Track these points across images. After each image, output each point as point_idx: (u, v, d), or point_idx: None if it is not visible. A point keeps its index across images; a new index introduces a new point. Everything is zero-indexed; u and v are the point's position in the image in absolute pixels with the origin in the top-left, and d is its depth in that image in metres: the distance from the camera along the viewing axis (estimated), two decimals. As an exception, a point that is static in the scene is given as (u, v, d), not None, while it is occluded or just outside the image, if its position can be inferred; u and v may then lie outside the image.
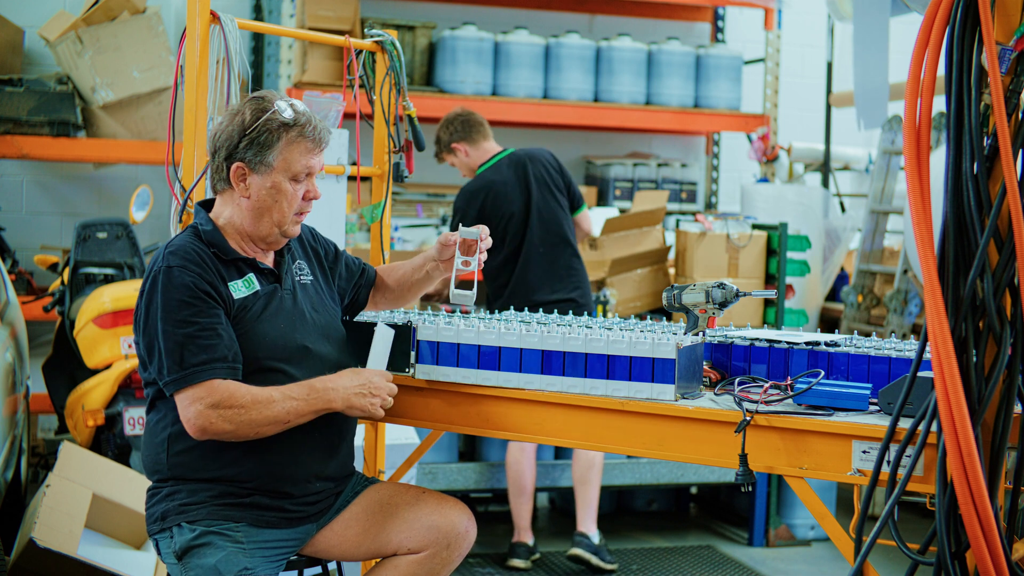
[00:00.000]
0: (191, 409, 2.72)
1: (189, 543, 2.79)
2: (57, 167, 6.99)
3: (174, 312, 2.74)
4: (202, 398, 2.71)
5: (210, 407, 2.70)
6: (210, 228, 2.89)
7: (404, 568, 2.97)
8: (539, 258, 5.26)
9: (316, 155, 2.88)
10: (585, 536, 5.30)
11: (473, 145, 5.36)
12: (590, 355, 2.89)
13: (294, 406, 2.76)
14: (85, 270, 5.64)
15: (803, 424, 2.66)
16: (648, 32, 7.81)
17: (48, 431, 6.72)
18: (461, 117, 5.37)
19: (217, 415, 2.71)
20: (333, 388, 2.81)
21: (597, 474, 5.34)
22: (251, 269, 2.90)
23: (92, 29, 6.39)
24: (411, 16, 7.27)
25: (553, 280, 5.26)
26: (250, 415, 2.72)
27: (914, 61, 2.46)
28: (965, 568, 2.43)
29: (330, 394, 2.80)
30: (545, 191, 5.31)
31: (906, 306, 6.41)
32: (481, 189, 5.29)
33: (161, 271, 2.78)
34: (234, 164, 2.85)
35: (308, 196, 2.89)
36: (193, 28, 3.36)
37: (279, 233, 2.90)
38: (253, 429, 2.74)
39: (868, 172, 8.02)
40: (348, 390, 2.82)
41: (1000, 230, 2.41)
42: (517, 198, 5.26)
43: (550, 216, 5.30)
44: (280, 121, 2.83)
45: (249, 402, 2.72)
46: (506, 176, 5.30)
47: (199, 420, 2.71)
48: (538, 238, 5.26)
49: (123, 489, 4.49)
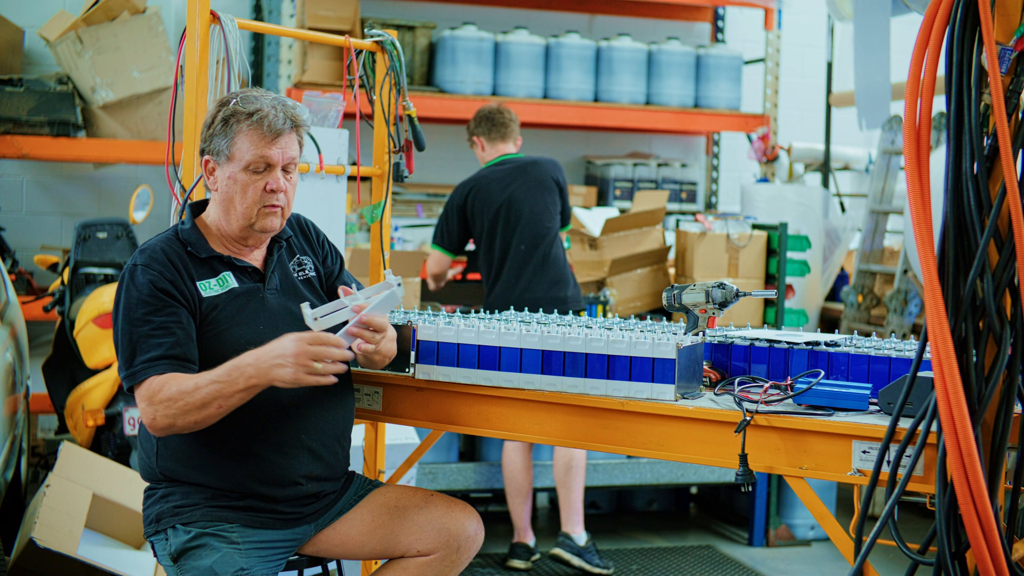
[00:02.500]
0: (140, 407, 2.74)
1: (184, 545, 2.79)
2: (57, 167, 6.99)
3: (132, 311, 2.77)
4: (143, 396, 2.72)
5: (148, 404, 2.71)
6: (188, 226, 2.91)
7: (413, 570, 2.96)
8: (524, 256, 5.26)
9: (272, 146, 2.83)
10: (568, 537, 5.29)
11: (489, 142, 5.41)
12: (590, 355, 2.89)
13: (215, 389, 2.67)
14: (85, 270, 5.64)
15: (803, 424, 2.66)
16: (648, 32, 7.81)
17: (48, 431, 6.72)
18: (488, 113, 5.41)
19: (154, 411, 2.70)
20: (251, 363, 2.66)
21: (577, 476, 5.30)
22: (227, 268, 2.89)
23: (92, 29, 6.39)
24: (411, 16, 7.28)
25: (540, 277, 5.26)
26: (178, 406, 2.69)
27: (914, 61, 2.46)
28: (965, 568, 2.43)
29: (248, 370, 2.66)
30: (536, 192, 5.30)
31: (906, 306, 6.41)
32: (469, 183, 5.35)
33: (127, 270, 2.82)
34: (204, 158, 2.90)
35: (268, 188, 2.85)
36: (193, 28, 3.36)
37: (251, 228, 2.88)
38: (189, 419, 2.69)
39: (868, 172, 8.02)
40: (264, 363, 2.65)
41: (1000, 230, 2.41)
42: (503, 195, 5.27)
43: (539, 215, 5.28)
44: (234, 111, 2.84)
45: (175, 393, 2.69)
46: (500, 175, 5.31)
47: (145, 418, 2.73)
48: (526, 236, 5.26)
49: (123, 489, 4.49)
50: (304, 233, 3.10)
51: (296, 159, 2.91)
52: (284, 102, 2.89)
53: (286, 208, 2.90)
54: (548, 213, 5.32)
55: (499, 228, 5.27)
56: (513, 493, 5.33)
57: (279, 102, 2.88)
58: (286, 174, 2.88)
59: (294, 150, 2.89)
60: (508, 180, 5.30)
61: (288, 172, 2.89)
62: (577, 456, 5.29)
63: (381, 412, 3.20)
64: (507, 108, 5.48)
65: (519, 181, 5.30)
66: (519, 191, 5.28)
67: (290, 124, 2.87)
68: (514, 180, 5.30)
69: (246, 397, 2.70)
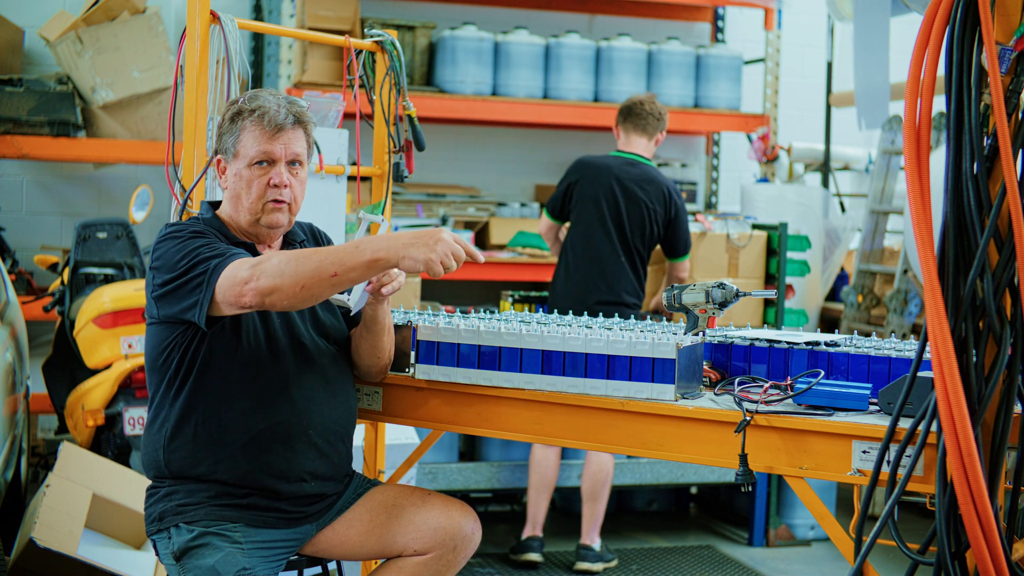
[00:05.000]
0: (225, 286, 2.64)
1: (187, 544, 2.79)
2: (57, 167, 6.99)
3: (188, 243, 2.77)
4: (240, 266, 2.65)
5: (252, 267, 2.62)
6: (209, 216, 2.95)
7: (410, 569, 2.97)
8: (594, 261, 5.25)
9: (275, 141, 2.86)
10: (590, 548, 5.34)
11: (624, 131, 5.42)
12: (590, 355, 2.89)
13: (335, 256, 2.59)
14: (85, 270, 5.64)
15: (803, 424, 2.66)
16: (648, 32, 7.81)
17: (48, 431, 6.72)
18: (631, 104, 5.41)
19: (260, 271, 2.61)
20: (384, 239, 2.60)
21: (607, 489, 5.38)
22: (250, 253, 2.91)
23: (92, 29, 6.39)
24: (411, 16, 7.27)
25: (598, 283, 5.25)
26: (293, 266, 2.59)
27: (914, 61, 2.46)
28: (965, 568, 2.43)
29: (380, 243, 2.60)
30: (639, 208, 5.26)
31: (906, 306, 6.41)
32: (585, 163, 5.38)
33: (162, 237, 2.84)
34: (216, 158, 2.96)
35: (271, 182, 2.87)
36: (193, 28, 3.36)
37: (259, 223, 2.90)
38: (298, 283, 2.58)
39: (868, 172, 8.02)
40: (400, 240, 2.59)
41: (1000, 230, 2.41)
42: (608, 190, 5.27)
43: (628, 230, 5.27)
44: (240, 109, 2.89)
45: (283, 258, 2.60)
46: (618, 169, 5.31)
47: (236, 287, 2.63)
48: (616, 240, 5.26)
49: (123, 489, 4.49)
50: (317, 242, 3.14)
51: (302, 156, 2.92)
52: (289, 99, 2.93)
53: (293, 205, 2.92)
54: (639, 239, 5.35)
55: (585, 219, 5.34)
56: (540, 488, 5.36)
57: (284, 99, 2.92)
58: (292, 170, 2.90)
59: (299, 146, 2.91)
60: (619, 182, 5.31)
61: (294, 167, 2.91)
62: (609, 470, 5.35)
63: (381, 412, 3.20)
64: (652, 97, 5.45)
65: (627, 193, 5.30)
66: (624, 203, 5.30)
67: (293, 119, 2.88)
68: (623, 187, 5.30)
69: (366, 274, 2.61)
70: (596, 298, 5.18)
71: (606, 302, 5.18)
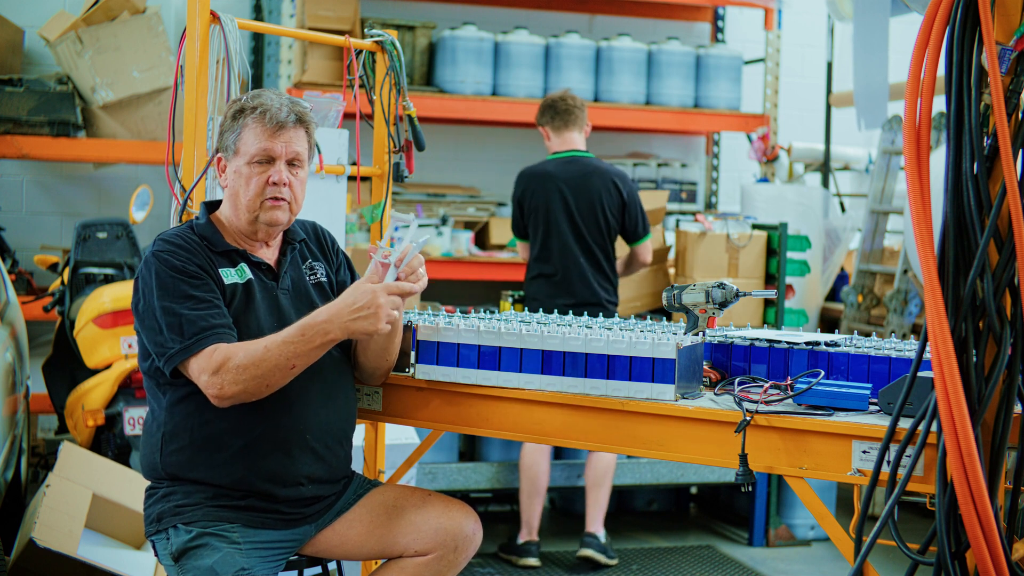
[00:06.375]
0: (201, 380, 2.73)
1: (185, 545, 2.79)
2: (57, 167, 6.99)
3: (170, 288, 2.78)
4: (204, 368, 2.72)
5: (213, 374, 2.71)
6: (204, 221, 2.94)
7: (411, 570, 2.97)
8: (562, 261, 5.25)
9: (275, 139, 2.87)
10: (595, 537, 5.34)
11: (554, 131, 5.39)
12: (590, 355, 2.89)
13: (291, 349, 2.71)
14: (85, 270, 5.64)
15: (803, 424, 2.66)
16: (648, 32, 7.81)
17: (48, 431, 6.72)
18: (550, 101, 5.39)
19: (222, 380, 2.70)
20: (327, 320, 2.72)
21: (611, 477, 5.40)
22: (243, 260, 2.92)
23: (92, 29, 6.39)
24: (411, 16, 7.27)
25: (570, 286, 5.25)
26: (250, 372, 2.70)
27: (914, 61, 2.46)
28: (965, 568, 2.43)
29: (325, 326, 2.72)
30: (590, 204, 5.27)
31: (906, 306, 6.41)
32: (527, 174, 5.37)
33: (152, 255, 2.83)
34: (217, 156, 2.96)
35: (270, 180, 2.87)
36: (193, 28, 3.36)
37: (257, 221, 2.90)
38: (263, 383, 2.72)
39: (868, 172, 8.02)
40: (343, 318, 2.72)
41: (1000, 230, 2.41)
42: (556, 196, 5.26)
43: (583, 229, 5.27)
44: (241, 107, 2.90)
45: (244, 360, 2.70)
46: (559, 171, 5.30)
47: (211, 389, 2.72)
48: (572, 242, 5.25)
49: (123, 489, 4.49)
50: (319, 241, 3.13)
51: (303, 155, 2.92)
52: (292, 100, 2.94)
53: (293, 203, 2.92)
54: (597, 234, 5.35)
55: (541, 227, 5.35)
56: (531, 492, 5.36)
57: (287, 99, 2.93)
58: (292, 169, 2.90)
59: (299, 145, 2.91)
60: (567, 182, 5.31)
61: (294, 167, 2.91)
62: (612, 458, 5.38)
63: (381, 412, 3.20)
64: (569, 93, 5.42)
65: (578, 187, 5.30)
66: (574, 200, 5.30)
67: (294, 118, 2.89)
68: (573, 184, 5.30)
69: (321, 353, 2.76)
70: (567, 303, 5.17)
71: (578, 304, 5.17)
